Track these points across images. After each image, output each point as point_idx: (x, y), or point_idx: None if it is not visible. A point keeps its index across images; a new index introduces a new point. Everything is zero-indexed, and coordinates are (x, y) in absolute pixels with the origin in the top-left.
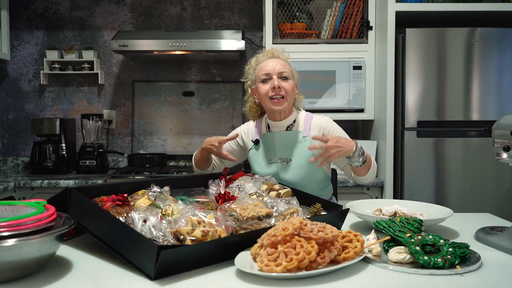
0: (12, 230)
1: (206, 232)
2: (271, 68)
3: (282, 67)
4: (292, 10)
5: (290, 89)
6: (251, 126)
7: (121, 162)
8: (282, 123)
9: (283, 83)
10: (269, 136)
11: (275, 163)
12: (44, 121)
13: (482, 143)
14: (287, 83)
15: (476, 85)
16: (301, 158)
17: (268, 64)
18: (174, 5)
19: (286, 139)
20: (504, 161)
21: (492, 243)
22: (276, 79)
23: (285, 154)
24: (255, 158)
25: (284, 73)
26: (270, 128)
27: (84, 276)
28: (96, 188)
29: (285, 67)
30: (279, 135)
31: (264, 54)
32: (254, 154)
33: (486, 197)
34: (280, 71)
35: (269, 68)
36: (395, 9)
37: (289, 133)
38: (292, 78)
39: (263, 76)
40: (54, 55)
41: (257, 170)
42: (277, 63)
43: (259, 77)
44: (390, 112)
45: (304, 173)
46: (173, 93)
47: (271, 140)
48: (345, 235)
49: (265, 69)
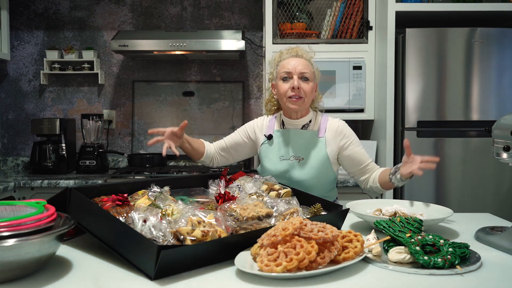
0: (12, 230)
1: (206, 232)
2: (293, 67)
3: (304, 67)
4: (292, 10)
5: (309, 91)
6: (265, 120)
7: (121, 162)
8: (297, 121)
9: (303, 84)
10: (283, 132)
11: (286, 160)
12: (44, 121)
13: (482, 143)
14: (307, 85)
15: (476, 85)
16: (313, 158)
17: (290, 63)
18: (174, 5)
19: (301, 137)
20: (504, 161)
21: (492, 243)
22: (297, 80)
23: (298, 152)
24: (266, 153)
25: (305, 73)
26: (285, 125)
27: (84, 276)
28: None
29: (307, 68)
30: (294, 133)
31: (288, 51)
32: (266, 149)
33: (486, 197)
34: (302, 71)
35: (291, 67)
36: (395, 9)
37: (304, 132)
38: (313, 79)
39: (284, 74)
40: (54, 55)
41: (267, 166)
42: (300, 63)
43: (280, 74)
44: (390, 112)
45: (315, 172)
46: (173, 93)
47: (286, 136)
48: (345, 235)
49: (287, 67)
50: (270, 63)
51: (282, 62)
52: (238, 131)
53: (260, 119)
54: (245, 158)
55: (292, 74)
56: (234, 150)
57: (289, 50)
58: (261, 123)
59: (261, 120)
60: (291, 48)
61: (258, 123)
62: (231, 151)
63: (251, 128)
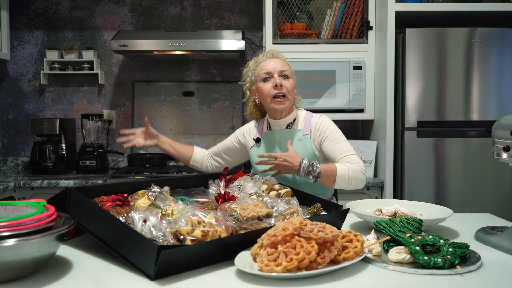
0: (12, 230)
1: (206, 232)
2: (272, 67)
3: (283, 66)
4: (292, 10)
5: (291, 88)
6: (252, 125)
7: (121, 162)
8: (282, 121)
9: (284, 81)
10: (270, 134)
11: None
12: (44, 121)
13: (482, 143)
14: (288, 82)
15: (476, 85)
16: (301, 155)
17: (269, 64)
18: (174, 5)
19: (286, 137)
20: (504, 161)
21: (492, 243)
22: (278, 77)
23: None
24: (256, 155)
25: (285, 71)
26: (271, 126)
27: (84, 276)
28: (96, 188)
29: (286, 66)
30: (279, 133)
31: (263, 55)
32: (255, 152)
33: (486, 197)
34: (281, 69)
35: (270, 67)
36: (395, 9)
37: (289, 131)
38: (292, 77)
39: (264, 75)
40: (54, 55)
41: (258, 168)
42: (278, 63)
43: (260, 76)
44: (390, 112)
45: None
46: (173, 93)
47: (272, 138)
48: (345, 235)
49: (266, 68)
50: (246, 72)
51: (260, 65)
52: (230, 137)
53: (249, 124)
54: (238, 164)
55: (273, 74)
56: (226, 155)
57: (264, 54)
58: (249, 128)
59: (249, 125)
60: (265, 52)
61: (247, 127)
62: (223, 156)
63: (241, 133)
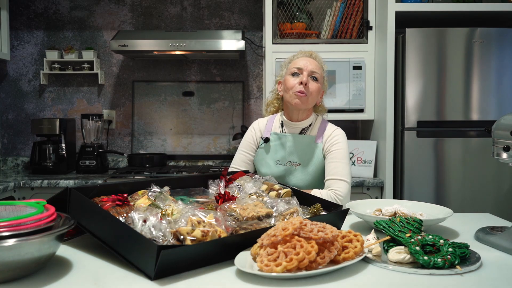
0: (12, 230)
1: (206, 232)
2: (304, 64)
3: (315, 67)
4: (292, 10)
5: (316, 91)
6: (262, 124)
7: (121, 162)
8: (297, 124)
9: (312, 82)
10: (281, 136)
11: (283, 165)
12: (44, 121)
13: (482, 143)
14: (315, 84)
15: (476, 85)
16: (311, 164)
17: (302, 61)
18: (174, 5)
19: (299, 143)
20: (504, 161)
21: (492, 243)
22: (306, 76)
23: (295, 158)
24: (263, 156)
25: (315, 73)
26: (284, 126)
27: (84, 276)
28: (96, 188)
29: (318, 69)
30: (292, 138)
31: (302, 52)
32: (262, 152)
33: (486, 197)
34: (313, 70)
35: (302, 64)
36: (395, 9)
37: (302, 137)
38: (322, 83)
39: (295, 69)
40: (54, 55)
41: (263, 170)
42: (311, 63)
43: (290, 70)
44: (390, 112)
45: (312, 179)
46: (173, 93)
47: (283, 141)
48: (345, 235)
49: (298, 63)
50: (281, 65)
51: (294, 60)
52: (242, 149)
53: (257, 123)
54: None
55: (303, 71)
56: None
57: (304, 51)
58: (258, 127)
59: (257, 124)
60: (306, 51)
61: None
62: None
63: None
